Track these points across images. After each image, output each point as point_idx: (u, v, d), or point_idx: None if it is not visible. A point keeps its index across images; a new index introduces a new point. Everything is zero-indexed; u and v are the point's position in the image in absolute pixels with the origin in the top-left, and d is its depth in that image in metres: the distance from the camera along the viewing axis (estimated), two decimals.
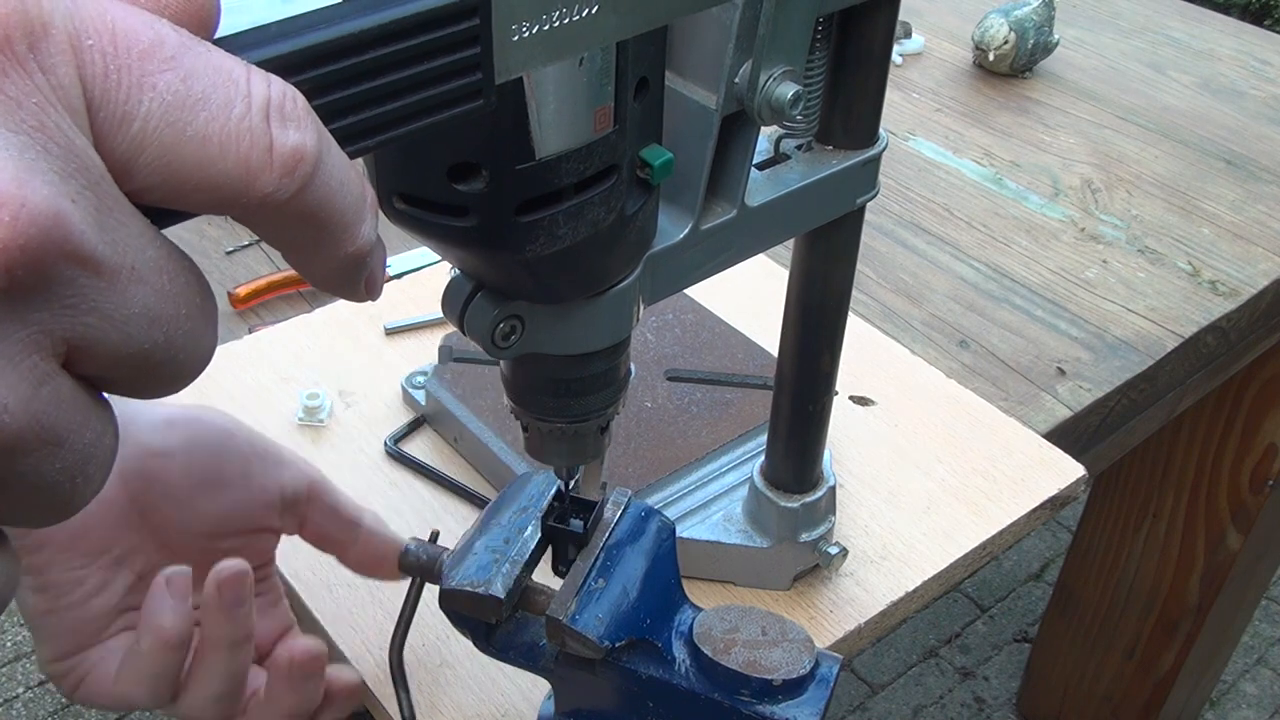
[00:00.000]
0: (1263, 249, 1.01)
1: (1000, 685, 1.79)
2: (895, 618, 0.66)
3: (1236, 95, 1.25)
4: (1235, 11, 3.01)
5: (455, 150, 0.36)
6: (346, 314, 0.85)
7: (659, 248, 0.47)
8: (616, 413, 0.51)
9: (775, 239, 0.52)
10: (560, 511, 0.53)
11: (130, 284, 0.23)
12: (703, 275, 0.50)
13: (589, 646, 0.48)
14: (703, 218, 0.48)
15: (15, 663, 1.79)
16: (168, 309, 0.24)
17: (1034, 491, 0.72)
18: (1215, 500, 1.32)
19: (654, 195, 0.43)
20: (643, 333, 0.78)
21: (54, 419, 0.22)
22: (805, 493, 0.64)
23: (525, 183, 0.37)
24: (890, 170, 1.09)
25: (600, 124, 0.37)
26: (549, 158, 0.37)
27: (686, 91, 0.46)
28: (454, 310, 0.44)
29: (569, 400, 0.48)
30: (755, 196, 0.50)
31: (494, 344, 0.44)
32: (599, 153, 0.38)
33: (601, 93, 0.37)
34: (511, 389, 0.49)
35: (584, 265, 0.42)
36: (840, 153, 0.52)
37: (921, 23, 1.35)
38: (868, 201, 0.54)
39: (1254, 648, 1.86)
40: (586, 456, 0.51)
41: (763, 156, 0.52)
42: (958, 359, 0.87)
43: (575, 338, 0.46)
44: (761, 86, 0.45)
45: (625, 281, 0.45)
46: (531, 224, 0.38)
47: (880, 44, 0.50)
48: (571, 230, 0.39)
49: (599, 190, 0.39)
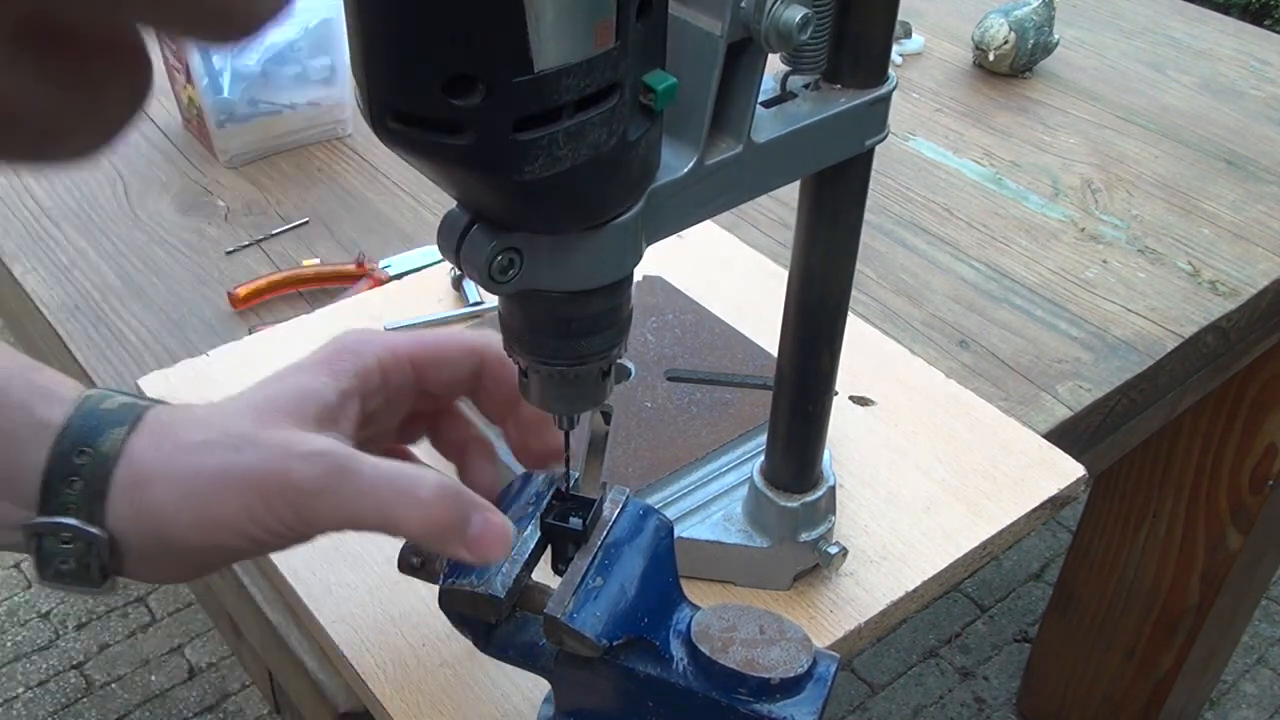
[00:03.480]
0: (1263, 249, 1.01)
1: (1000, 685, 1.79)
2: (895, 618, 0.66)
3: (1236, 95, 1.25)
4: (1235, 11, 3.01)
5: (451, 62, 0.35)
6: (346, 314, 0.85)
7: (662, 182, 0.46)
8: (620, 355, 0.49)
9: (782, 179, 0.51)
10: (560, 510, 0.53)
11: None
12: (706, 214, 0.49)
13: (586, 645, 0.49)
14: (707, 152, 0.47)
15: (15, 663, 1.79)
16: None
17: (1034, 491, 0.72)
18: (1215, 500, 1.32)
19: (657, 123, 0.42)
20: (643, 333, 0.79)
21: None
22: (805, 493, 0.64)
23: (523, 97, 0.36)
24: (890, 170, 1.09)
25: (601, 39, 0.36)
26: (548, 71, 0.35)
27: (690, 19, 0.45)
28: (450, 243, 0.42)
29: (570, 340, 0.47)
30: (761, 132, 0.48)
31: (491, 278, 0.42)
32: (599, 69, 0.37)
33: (602, 5, 0.36)
34: (510, 330, 0.48)
35: (584, 192, 0.41)
36: (848, 91, 0.51)
37: (921, 23, 1.35)
38: (877, 144, 0.52)
39: (1254, 648, 1.86)
40: (588, 403, 0.50)
41: (769, 95, 0.51)
42: (958, 359, 0.87)
43: (576, 273, 0.44)
44: (769, 9, 0.44)
45: (627, 214, 0.44)
46: (529, 143, 0.37)
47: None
48: (571, 151, 0.38)
49: (600, 110, 0.38)
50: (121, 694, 1.75)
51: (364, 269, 0.92)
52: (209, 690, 1.76)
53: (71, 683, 1.76)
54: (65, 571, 0.48)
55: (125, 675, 1.78)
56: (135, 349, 0.85)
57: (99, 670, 1.78)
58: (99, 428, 0.48)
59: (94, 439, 0.48)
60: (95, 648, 1.81)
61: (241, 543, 0.48)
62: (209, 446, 0.48)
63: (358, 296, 0.87)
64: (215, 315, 0.89)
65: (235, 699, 1.75)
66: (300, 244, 0.97)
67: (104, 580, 0.49)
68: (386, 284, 0.89)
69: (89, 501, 0.47)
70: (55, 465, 0.47)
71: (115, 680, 1.77)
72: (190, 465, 0.48)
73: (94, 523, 0.47)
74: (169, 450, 0.48)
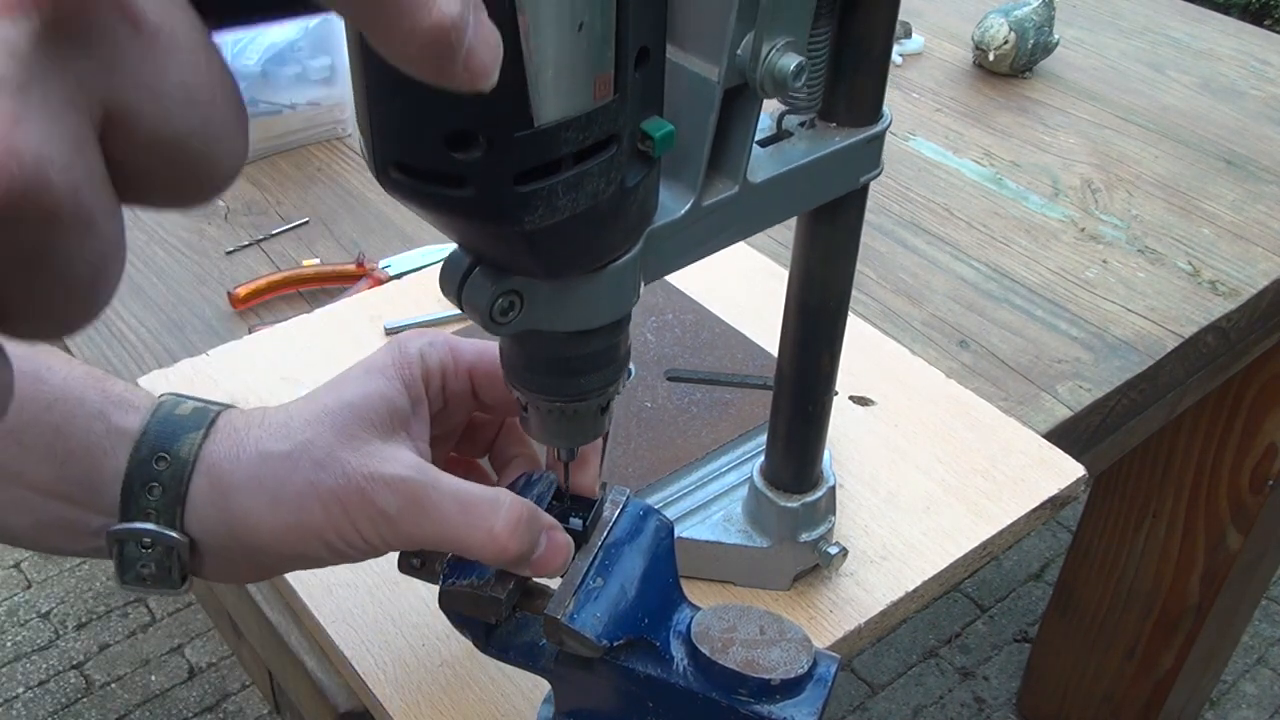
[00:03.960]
0: (1263, 249, 1.01)
1: (1000, 685, 1.79)
2: (895, 618, 0.66)
3: (1236, 95, 1.25)
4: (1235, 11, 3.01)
5: (453, 118, 0.36)
6: (346, 314, 0.85)
7: (660, 223, 0.46)
8: (618, 392, 0.50)
9: (778, 216, 0.52)
10: (560, 510, 0.53)
11: (168, 51, 0.21)
12: (704, 253, 0.49)
13: (587, 645, 0.48)
14: (704, 194, 0.48)
15: (15, 663, 1.79)
16: (204, 91, 0.22)
17: (1034, 491, 0.72)
18: (1215, 500, 1.32)
19: (655, 169, 0.43)
20: (643, 333, 0.79)
21: (89, 196, 0.20)
22: (805, 493, 0.64)
23: (524, 151, 0.36)
24: (890, 170, 1.09)
25: (600, 92, 0.37)
26: (548, 125, 0.36)
27: (687, 64, 0.45)
28: (452, 285, 0.43)
29: (569, 378, 0.48)
30: (758, 172, 0.49)
31: (492, 320, 0.43)
32: (599, 121, 0.37)
33: (601, 59, 0.36)
34: (510, 367, 0.49)
35: (584, 238, 0.42)
36: (844, 130, 0.52)
37: (921, 23, 1.35)
38: (871, 180, 0.53)
39: (1254, 648, 1.86)
40: (586, 437, 0.51)
41: (765, 134, 0.51)
42: (958, 359, 0.87)
43: (575, 314, 0.45)
44: (764, 58, 0.44)
45: (625, 257, 0.45)
46: (530, 194, 0.37)
47: (885, 19, 0.49)
48: (571, 201, 0.38)
49: (599, 160, 0.38)
50: (121, 694, 1.75)
51: (364, 269, 0.92)
52: (209, 690, 1.76)
53: (71, 683, 1.76)
54: (146, 575, 0.50)
55: (125, 675, 1.78)
56: (135, 349, 0.85)
57: (99, 670, 1.78)
58: (175, 433, 0.49)
59: (171, 445, 0.49)
60: (95, 648, 1.81)
61: (323, 552, 0.49)
62: (293, 459, 0.49)
63: (358, 296, 0.87)
64: (215, 315, 0.89)
65: (235, 699, 1.75)
66: (300, 244, 0.97)
67: (183, 582, 0.50)
68: (386, 284, 0.89)
69: (169, 506, 0.49)
70: (135, 472, 0.49)
71: (115, 680, 1.77)
72: (275, 476, 0.49)
73: (173, 527, 0.49)
74: (252, 458, 0.49)
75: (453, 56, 0.24)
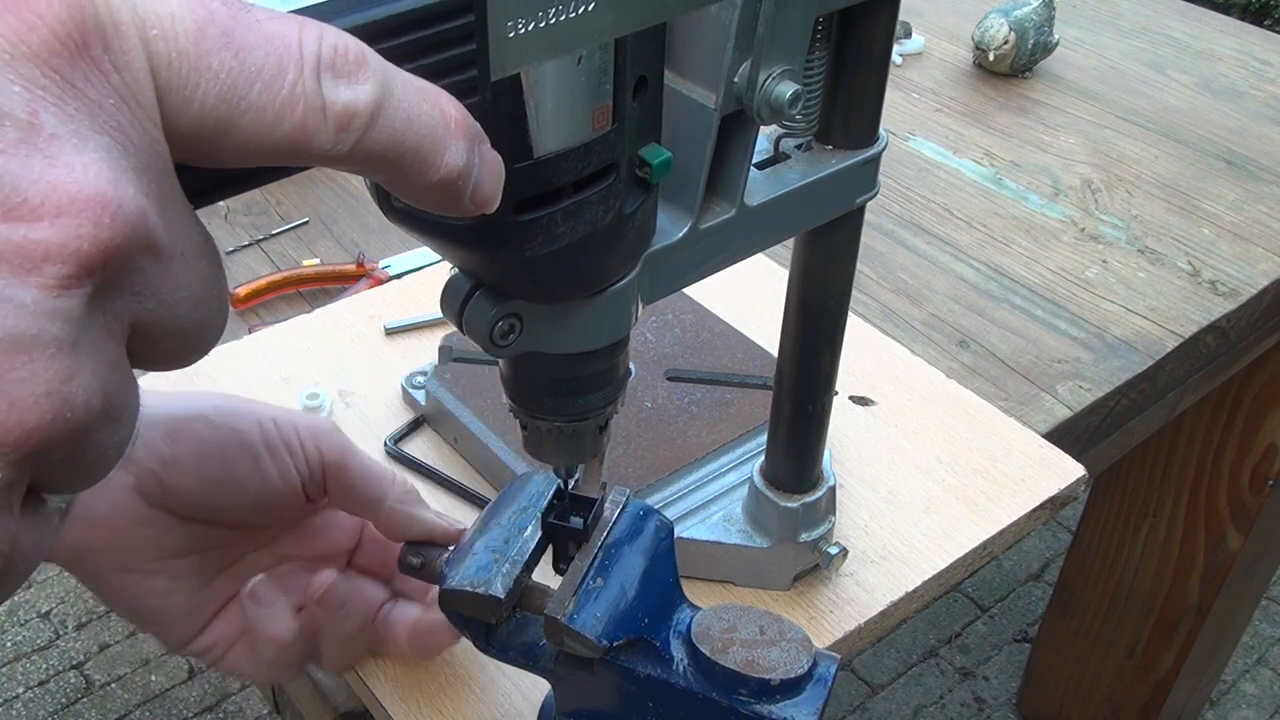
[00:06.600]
0: (1263, 249, 1.01)
1: (1000, 685, 1.79)
2: (895, 618, 0.66)
3: (1236, 95, 1.25)
4: (1235, 11, 3.01)
5: None
6: (346, 314, 0.85)
7: (658, 247, 0.47)
8: (615, 412, 0.51)
9: (775, 238, 0.52)
10: (560, 509, 0.53)
11: (181, 269, 0.24)
12: (701, 275, 0.50)
13: (587, 645, 0.48)
14: (702, 217, 0.48)
15: (15, 663, 1.79)
16: (206, 290, 0.25)
17: (1034, 491, 0.72)
18: (1215, 500, 1.32)
19: (653, 194, 0.43)
20: (643, 333, 0.78)
21: (121, 397, 0.23)
22: (805, 493, 0.64)
23: (523, 181, 0.37)
24: (890, 170, 1.09)
25: (599, 122, 0.38)
26: (547, 156, 0.37)
27: (685, 91, 0.46)
28: (453, 309, 0.44)
29: (568, 399, 0.48)
30: (755, 196, 0.50)
31: (492, 342, 0.44)
32: (597, 151, 0.38)
33: (600, 91, 0.37)
34: (510, 387, 0.49)
35: (582, 264, 0.42)
36: (840, 152, 0.52)
37: (921, 23, 1.35)
38: (867, 201, 0.54)
39: (1254, 648, 1.86)
40: (585, 455, 0.51)
41: (762, 156, 0.52)
42: (958, 359, 0.87)
43: (574, 336, 0.46)
44: (761, 86, 0.45)
45: (624, 280, 0.45)
46: (530, 223, 0.38)
47: (880, 43, 0.50)
48: (570, 229, 0.39)
49: (597, 189, 0.39)
50: (121, 694, 1.75)
51: (364, 269, 0.92)
52: (209, 690, 1.76)
53: (71, 683, 1.76)
54: None
55: (125, 675, 1.78)
56: None
57: (99, 670, 1.78)
58: None
59: None
60: (95, 648, 1.81)
61: None
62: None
63: (358, 296, 0.87)
64: None
65: (235, 699, 1.75)
66: (300, 244, 0.97)
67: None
68: (386, 284, 0.89)
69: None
70: None
71: (115, 680, 1.77)
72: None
73: None
74: None
75: (461, 197, 0.28)
